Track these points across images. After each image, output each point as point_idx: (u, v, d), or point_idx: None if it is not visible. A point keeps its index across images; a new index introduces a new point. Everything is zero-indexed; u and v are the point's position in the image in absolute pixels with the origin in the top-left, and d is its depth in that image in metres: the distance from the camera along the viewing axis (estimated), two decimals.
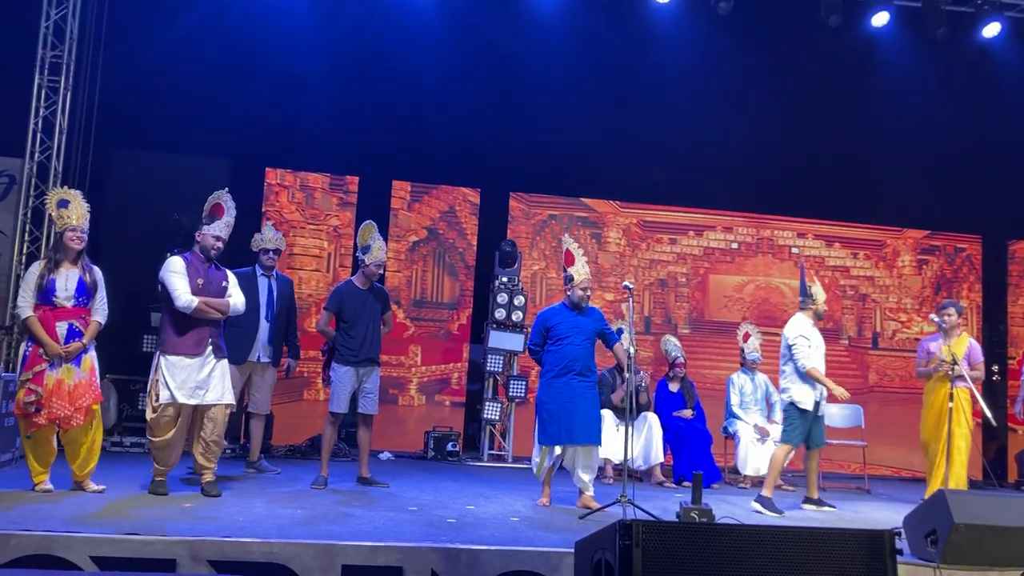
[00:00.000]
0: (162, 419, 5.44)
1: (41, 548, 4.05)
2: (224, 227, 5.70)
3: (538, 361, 6.31)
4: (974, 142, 9.93)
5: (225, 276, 5.78)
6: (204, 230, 5.67)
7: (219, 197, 5.77)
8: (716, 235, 10.15)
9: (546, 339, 6.14)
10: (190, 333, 5.49)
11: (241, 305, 5.81)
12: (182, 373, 5.44)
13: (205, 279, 5.59)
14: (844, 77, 9.87)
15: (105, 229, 8.23)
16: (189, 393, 5.45)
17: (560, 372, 6.00)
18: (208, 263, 5.67)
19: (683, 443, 7.87)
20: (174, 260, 5.57)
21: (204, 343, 5.54)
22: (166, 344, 5.49)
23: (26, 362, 5.35)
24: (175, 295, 5.43)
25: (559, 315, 6.16)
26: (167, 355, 5.46)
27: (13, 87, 8.29)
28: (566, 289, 6.25)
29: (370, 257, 6.46)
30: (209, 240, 5.65)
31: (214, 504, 5.33)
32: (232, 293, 5.74)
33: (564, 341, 6.03)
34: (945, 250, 10.43)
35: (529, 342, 6.42)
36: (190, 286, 5.48)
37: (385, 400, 7.63)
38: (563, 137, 9.56)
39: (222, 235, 5.69)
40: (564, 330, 6.06)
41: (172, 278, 5.47)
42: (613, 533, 3.28)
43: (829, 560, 3.40)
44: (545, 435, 5.98)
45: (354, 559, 4.23)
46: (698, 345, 9.81)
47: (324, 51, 8.88)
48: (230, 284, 5.77)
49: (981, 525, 4.47)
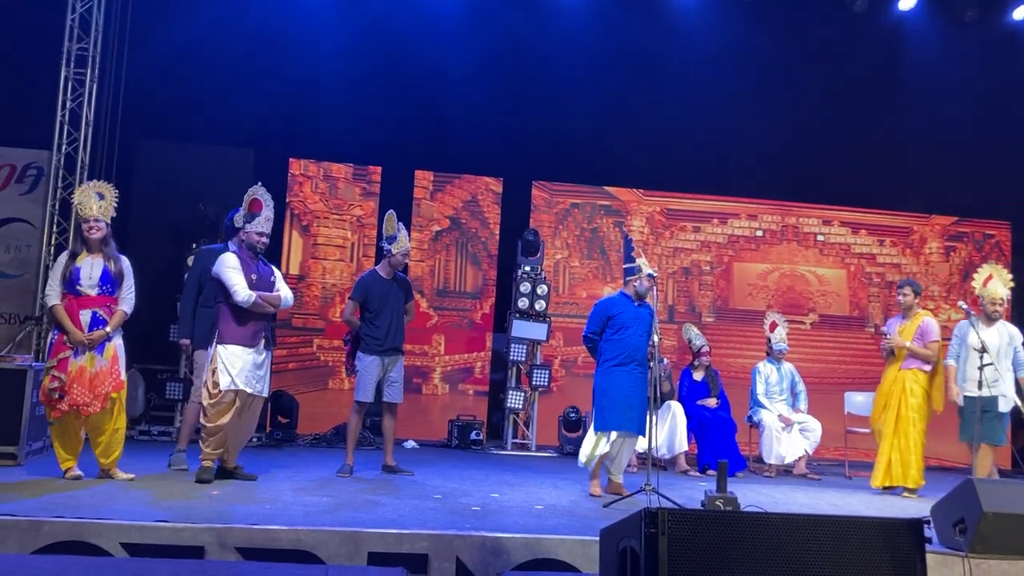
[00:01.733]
0: (221, 404, 5.55)
1: (73, 535, 4.11)
2: (265, 222, 5.79)
3: (592, 350, 6.27)
4: (1003, 127, 9.77)
5: (272, 271, 5.89)
6: (247, 228, 5.76)
7: (255, 192, 5.83)
8: (740, 223, 10.08)
9: (605, 328, 6.11)
10: (247, 325, 5.63)
11: (290, 299, 5.97)
12: (240, 361, 5.57)
13: (256, 274, 5.71)
14: (870, 62, 9.75)
15: (131, 220, 8.32)
16: (247, 381, 5.59)
17: (623, 361, 5.98)
18: (256, 258, 5.77)
19: (707, 432, 7.85)
20: (229, 256, 5.67)
21: (259, 335, 5.70)
22: (224, 335, 5.60)
23: (51, 349, 5.46)
24: (234, 290, 5.54)
25: (620, 305, 6.14)
26: (225, 344, 5.57)
27: (40, 80, 8.38)
28: (629, 280, 6.18)
29: (397, 247, 6.48)
30: (254, 237, 5.75)
31: (241, 492, 5.38)
32: (280, 287, 5.86)
33: (627, 331, 6.01)
34: (973, 236, 10.29)
35: (587, 330, 6.28)
36: (245, 280, 5.59)
37: (409, 389, 7.65)
38: (586, 125, 9.53)
39: (265, 230, 5.79)
40: (627, 320, 6.04)
41: (229, 273, 5.58)
42: (639, 521, 3.27)
43: (856, 549, 3.37)
44: (603, 421, 5.96)
45: (380, 546, 4.26)
46: (722, 333, 9.76)
47: (347, 41, 8.89)
48: (277, 279, 5.89)
49: (1011, 514, 4.42)
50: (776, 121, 9.57)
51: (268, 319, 5.82)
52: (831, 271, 10.08)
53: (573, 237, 9.78)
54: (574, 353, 9.60)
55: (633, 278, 6.14)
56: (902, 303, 6.96)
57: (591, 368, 9.66)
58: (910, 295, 6.93)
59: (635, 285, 6.11)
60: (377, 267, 6.67)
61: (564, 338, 9.56)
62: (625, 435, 6.01)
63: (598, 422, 6.02)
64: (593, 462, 6.07)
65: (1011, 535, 4.43)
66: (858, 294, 10.08)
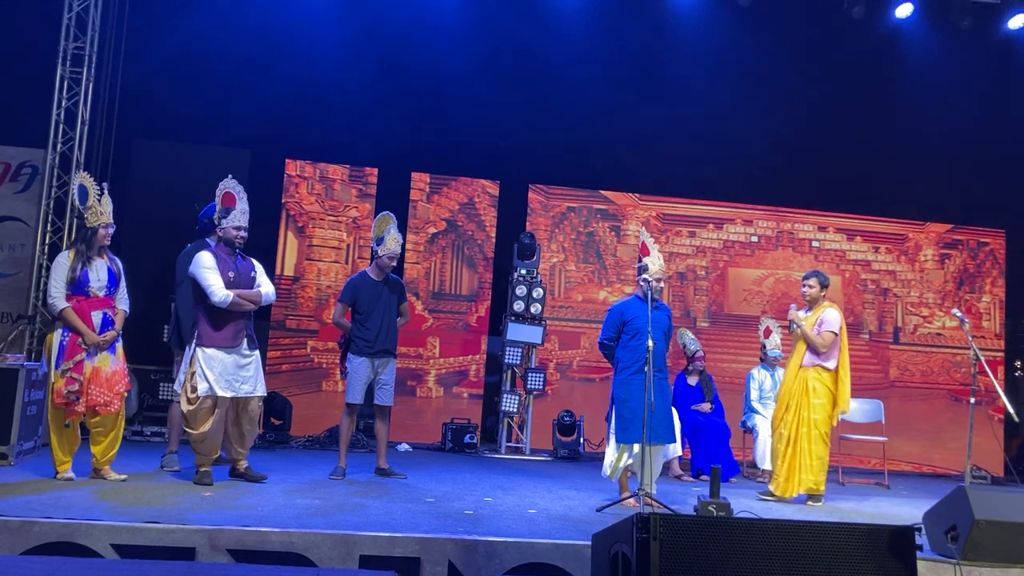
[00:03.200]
0: (200, 411, 5.47)
1: (63, 535, 4.09)
2: (241, 215, 5.65)
3: (609, 356, 6.00)
4: (999, 135, 9.81)
5: (252, 266, 5.78)
6: (223, 224, 5.65)
7: (226, 186, 5.71)
8: (736, 228, 10.09)
9: (621, 333, 5.88)
10: (227, 326, 5.52)
11: (272, 294, 5.84)
12: (219, 365, 5.48)
13: (235, 271, 5.60)
14: (867, 69, 9.78)
15: (126, 219, 8.30)
16: (227, 385, 5.50)
17: (641, 369, 5.68)
18: (234, 254, 5.68)
19: (701, 437, 7.85)
20: (203, 255, 5.54)
21: (240, 335, 5.59)
22: (203, 337, 5.49)
23: (65, 352, 5.42)
24: (210, 291, 5.43)
25: (635, 308, 5.86)
26: (204, 348, 5.48)
27: (36, 78, 8.36)
28: (640, 281, 5.94)
29: (383, 249, 6.45)
30: (231, 232, 5.64)
31: (233, 493, 5.36)
32: (261, 283, 5.75)
33: (643, 336, 5.68)
34: (968, 244, 10.32)
35: (602, 336, 6.00)
36: (222, 280, 5.49)
37: (403, 392, 7.65)
38: (583, 129, 9.54)
39: (243, 224, 5.66)
40: (641, 324, 5.73)
41: (204, 273, 5.46)
42: (631, 526, 3.27)
43: (848, 555, 3.38)
44: (625, 433, 5.68)
45: (372, 549, 4.25)
46: (717, 339, 9.77)
47: (344, 42, 8.90)
48: (258, 273, 5.78)
49: (1002, 522, 4.42)
50: (772, 127, 9.59)
51: (250, 317, 5.68)
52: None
53: (569, 241, 9.79)
54: (569, 357, 9.60)
55: (640, 277, 5.92)
56: (807, 295, 6.56)
57: (586, 372, 9.80)
58: (816, 287, 6.54)
59: (640, 284, 5.89)
60: (367, 269, 6.65)
61: (559, 341, 9.56)
62: (651, 446, 5.59)
63: (619, 434, 5.72)
64: (618, 474, 5.81)
65: (1003, 543, 4.44)
66: (853, 301, 10.09)
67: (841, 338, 6.49)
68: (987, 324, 10.14)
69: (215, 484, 5.58)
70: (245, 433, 5.76)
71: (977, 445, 6.84)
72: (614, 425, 5.81)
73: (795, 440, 6.34)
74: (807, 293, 6.58)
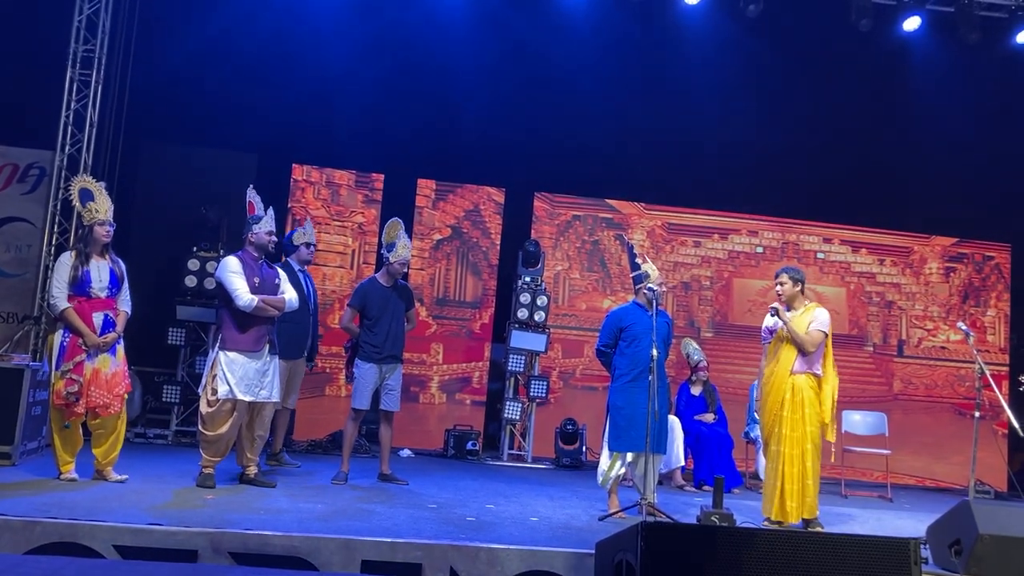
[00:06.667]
0: (218, 414, 5.52)
1: (66, 536, 4.10)
2: (271, 220, 5.84)
3: (606, 364, 5.96)
4: (1005, 149, 9.78)
5: (276, 273, 5.89)
6: (256, 229, 5.77)
7: (249, 195, 5.93)
8: (741, 239, 10.09)
9: (618, 340, 5.84)
10: (250, 331, 5.59)
11: (295, 301, 5.93)
12: (241, 369, 5.53)
13: (260, 277, 5.69)
14: (874, 82, 9.77)
15: (133, 222, 8.33)
16: (247, 389, 5.55)
17: (637, 376, 5.65)
18: (259, 261, 5.76)
19: (704, 447, 7.84)
20: (231, 260, 5.65)
21: (263, 340, 5.65)
22: (226, 341, 5.56)
23: (65, 353, 5.44)
24: (235, 295, 5.51)
25: (633, 315, 5.84)
26: (227, 351, 5.54)
27: (45, 80, 8.38)
28: (639, 287, 5.90)
29: (395, 255, 6.48)
30: (264, 238, 5.77)
31: (236, 497, 5.37)
32: (285, 290, 5.84)
33: (640, 343, 5.67)
34: (973, 258, 10.30)
35: (599, 343, 5.97)
36: (247, 285, 5.57)
37: (406, 397, 7.64)
38: (589, 138, 9.55)
39: (274, 228, 5.84)
40: (640, 331, 5.71)
41: (231, 278, 5.55)
42: (634, 535, 3.27)
43: (852, 567, 3.37)
44: (619, 441, 5.66)
45: (374, 554, 4.25)
46: (721, 349, 9.76)
47: (352, 49, 8.91)
48: (282, 281, 5.88)
49: (1007, 536, 4.41)
50: (779, 138, 9.58)
51: (273, 323, 5.77)
52: (831, 289, 10.07)
53: (574, 249, 9.79)
54: (572, 365, 9.59)
55: (642, 285, 5.88)
56: (781, 292, 6.02)
57: (589, 380, 9.79)
58: (788, 283, 5.99)
59: (644, 292, 5.83)
60: (377, 274, 6.68)
61: (563, 350, 9.56)
62: (645, 455, 5.56)
63: (613, 442, 5.70)
64: (610, 483, 5.79)
65: (1006, 557, 4.42)
66: (857, 313, 10.08)
67: (827, 343, 6.00)
68: (992, 338, 10.11)
69: (217, 487, 5.58)
70: (256, 439, 5.80)
71: (981, 459, 6.80)
72: (608, 433, 5.79)
73: (794, 459, 5.70)
74: (780, 291, 6.04)
